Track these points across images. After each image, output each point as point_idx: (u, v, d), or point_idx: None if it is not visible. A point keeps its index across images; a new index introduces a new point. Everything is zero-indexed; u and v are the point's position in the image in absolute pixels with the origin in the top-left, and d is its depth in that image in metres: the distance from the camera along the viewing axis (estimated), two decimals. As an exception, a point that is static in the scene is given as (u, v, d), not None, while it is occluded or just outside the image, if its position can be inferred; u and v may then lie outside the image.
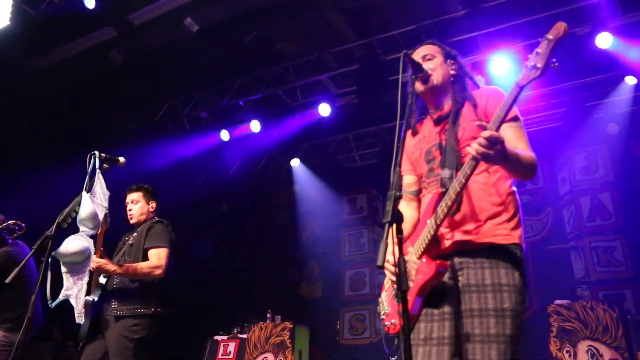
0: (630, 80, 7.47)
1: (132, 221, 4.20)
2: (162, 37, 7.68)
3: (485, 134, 2.00)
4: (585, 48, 7.04)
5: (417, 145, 2.65)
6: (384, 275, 2.55)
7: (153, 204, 4.36)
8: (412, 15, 7.42)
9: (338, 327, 9.32)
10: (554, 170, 8.75)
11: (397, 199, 1.93)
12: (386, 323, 2.47)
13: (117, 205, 3.91)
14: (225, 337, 7.82)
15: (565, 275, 7.97)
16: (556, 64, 1.98)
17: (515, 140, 2.33)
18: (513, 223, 2.35)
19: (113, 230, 3.68)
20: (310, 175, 10.19)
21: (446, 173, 2.37)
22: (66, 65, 7.67)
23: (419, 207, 2.69)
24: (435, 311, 2.30)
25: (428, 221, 2.32)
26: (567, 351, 5.84)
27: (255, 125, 8.85)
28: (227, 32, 7.57)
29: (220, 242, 10.33)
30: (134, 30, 7.28)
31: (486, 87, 2.60)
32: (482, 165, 2.36)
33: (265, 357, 7.31)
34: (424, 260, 2.28)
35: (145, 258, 3.94)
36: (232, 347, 7.66)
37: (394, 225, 1.90)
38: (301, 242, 10.58)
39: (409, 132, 2.74)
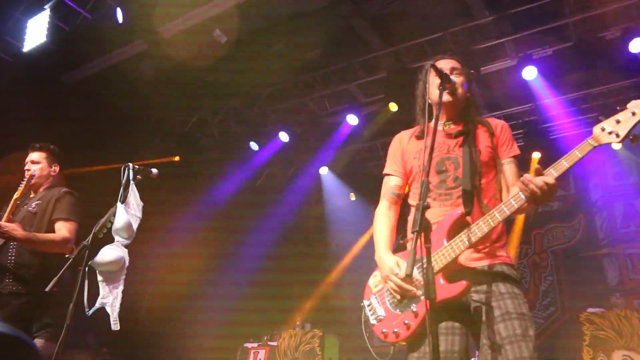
0: (663, 84, 7.35)
1: (31, 182, 3.85)
2: (192, 49, 7.80)
3: (550, 180, 2.13)
4: (615, 52, 6.93)
5: (424, 152, 2.67)
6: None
7: (56, 168, 4.02)
8: (439, 22, 7.41)
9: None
10: (586, 176, 8.63)
11: (425, 208, 1.96)
12: (383, 330, 2.48)
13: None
14: (255, 345, 7.89)
15: (598, 282, 7.84)
16: (637, 138, 2.06)
17: (514, 177, 2.51)
18: (507, 248, 2.55)
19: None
20: (338, 184, 10.23)
21: (467, 195, 2.45)
22: (98, 79, 7.85)
23: (398, 209, 2.80)
24: (444, 325, 2.36)
25: (445, 242, 2.36)
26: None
27: (283, 135, 8.91)
28: (255, 43, 7.66)
29: (252, 250, 10.40)
30: (164, 43, 7.43)
31: (498, 120, 2.72)
32: (490, 192, 2.52)
33: (295, 365, 7.36)
34: (440, 279, 2.32)
35: (50, 230, 3.66)
36: (262, 354, 7.73)
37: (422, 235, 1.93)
38: (330, 250, 10.61)
39: (409, 135, 2.83)
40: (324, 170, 9.98)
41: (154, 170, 3.35)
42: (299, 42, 7.93)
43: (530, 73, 7.18)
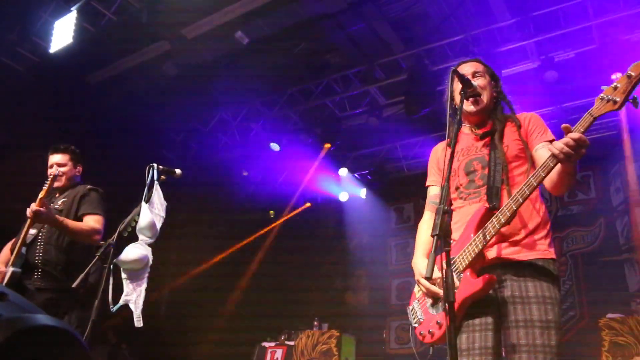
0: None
1: (57, 185, 3.93)
2: (214, 49, 7.89)
3: (574, 135, 2.03)
4: None
5: (455, 157, 2.67)
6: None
7: (80, 169, 4.13)
8: (460, 25, 7.42)
9: (385, 336, 9.32)
10: (607, 180, 8.54)
11: (445, 212, 1.99)
12: (421, 332, 2.53)
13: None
14: (272, 344, 7.94)
15: (619, 288, 7.75)
16: (637, 100, 2.01)
17: None
18: (549, 240, 2.45)
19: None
20: (358, 185, 10.26)
21: (493, 190, 2.44)
22: (122, 79, 7.98)
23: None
24: (478, 322, 2.36)
25: (473, 235, 2.37)
26: (619, 366, 5.71)
27: (303, 137, 8.97)
28: (277, 44, 7.73)
29: (269, 249, 10.49)
30: (187, 44, 7.53)
31: (527, 113, 2.69)
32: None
33: (312, 364, 7.41)
34: (468, 273, 2.34)
35: None
36: (279, 353, 7.78)
37: (443, 239, 1.96)
38: (348, 251, 10.65)
39: (443, 145, 2.85)
40: (343, 172, 10.01)
41: (178, 171, 3.41)
42: (320, 43, 8.00)
43: (552, 76, 7.14)
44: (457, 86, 2.58)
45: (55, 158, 4.05)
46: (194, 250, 9.82)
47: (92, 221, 3.78)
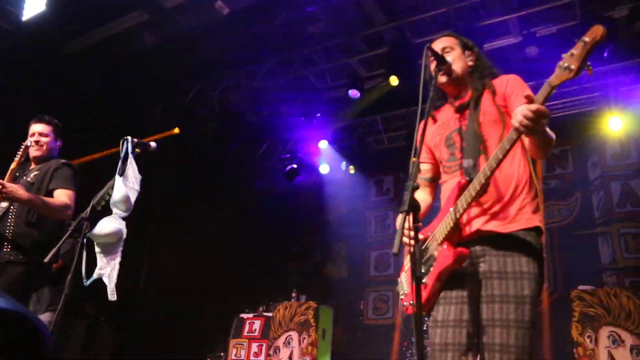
0: (666, 65, 7.33)
1: (35, 154, 3.92)
2: (193, 20, 7.76)
3: (533, 106, 2.02)
4: (621, 32, 6.88)
5: (437, 131, 2.73)
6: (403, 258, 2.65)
7: (60, 143, 4.09)
8: (443, -3, 7.38)
9: (362, 307, 9.45)
10: (584, 155, 8.66)
11: (415, 189, 2.01)
12: (405, 303, 2.58)
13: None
14: (251, 315, 8.01)
15: (592, 261, 7.92)
16: (590, 67, 1.99)
17: None
18: (533, 205, 2.43)
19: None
20: (338, 157, 10.26)
21: (469, 162, 2.44)
22: (99, 49, 7.83)
23: (433, 192, 2.84)
24: (454, 294, 2.40)
25: (451, 209, 2.39)
26: (588, 336, 5.87)
27: (284, 109, 8.92)
28: (257, 15, 7.62)
29: (249, 222, 10.50)
30: (166, 14, 7.40)
31: (505, 75, 2.64)
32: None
33: (290, 336, 7.49)
34: (445, 246, 2.37)
35: None
36: (257, 324, 7.86)
37: (411, 214, 1.98)
38: (328, 223, 10.71)
39: (428, 120, 2.82)
40: (323, 144, 10.00)
41: (153, 144, 3.38)
42: (301, 14, 7.90)
43: (533, 51, 7.16)
44: (431, 63, 2.58)
45: (37, 127, 4.00)
46: (173, 223, 9.81)
47: (63, 196, 3.72)
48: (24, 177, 3.83)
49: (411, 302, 2.49)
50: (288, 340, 7.49)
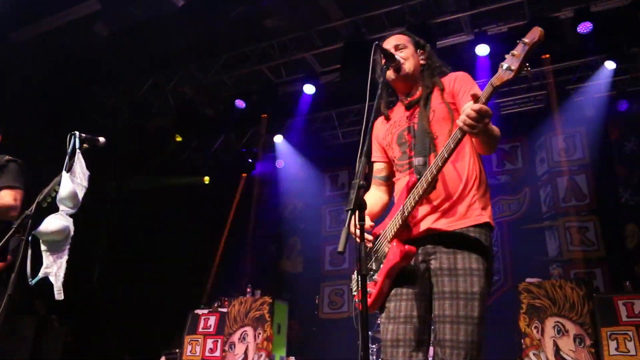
0: (609, 65, 7.59)
1: None
2: (148, 10, 7.62)
3: (475, 106, 2.04)
4: (567, 32, 7.09)
5: (389, 130, 2.74)
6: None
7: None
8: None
9: (317, 301, 9.50)
10: (533, 151, 8.91)
11: (361, 187, 2.03)
12: (357, 300, 2.60)
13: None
14: (205, 311, 7.95)
15: (539, 254, 8.18)
16: (529, 69, 2.02)
17: None
18: (483, 202, 2.46)
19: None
20: (293, 152, 10.26)
21: (420, 160, 2.46)
22: (49, 38, 7.62)
23: (389, 190, 2.84)
24: (405, 291, 2.43)
25: (402, 206, 2.42)
26: (535, 327, 6.07)
27: (239, 102, 8.85)
28: (213, 7, 7.55)
29: (202, 217, 10.40)
30: (119, 4, 7.24)
31: (454, 73, 2.68)
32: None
33: (245, 331, 7.47)
34: (394, 244, 2.40)
35: None
36: (212, 320, 7.81)
37: (357, 213, 2.01)
38: (283, 218, 10.71)
39: (380, 119, 2.85)
40: (278, 139, 9.99)
41: (102, 139, 3.28)
42: (257, 8, 7.85)
43: (483, 49, 7.31)
44: (381, 61, 2.61)
45: None
46: (127, 218, 9.66)
47: (8, 196, 3.55)
48: None
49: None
50: (243, 336, 7.47)
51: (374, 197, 2.80)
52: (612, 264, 7.73)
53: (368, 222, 2.43)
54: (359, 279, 1.94)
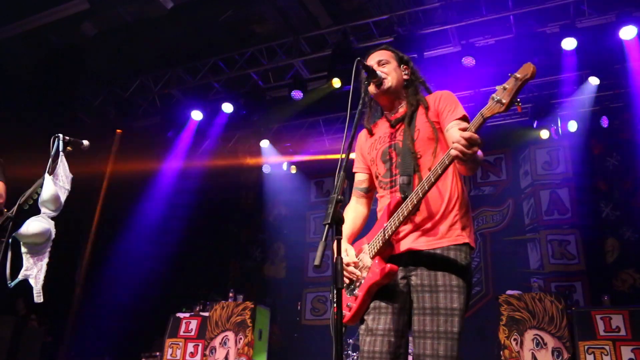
0: (593, 81, 7.67)
1: None
2: (136, 11, 7.60)
3: (465, 134, 2.08)
4: (553, 47, 7.17)
5: (373, 145, 2.76)
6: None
7: None
8: (387, 3, 7.50)
9: (299, 307, 9.49)
10: (517, 164, 9.00)
11: (338, 202, 2.06)
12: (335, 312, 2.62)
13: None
14: (187, 315, 7.92)
15: (521, 266, 8.27)
16: (519, 103, 2.06)
17: None
18: (464, 222, 2.50)
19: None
20: (279, 157, 10.26)
21: (404, 179, 2.49)
22: (36, 36, 7.57)
23: (369, 203, 2.88)
24: (384, 305, 2.46)
25: (385, 224, 2.45)
26: (514, 339, 6.12)
27: (226, 106, 8.83)
28: (202, 11, 7.55)
29: (187, 221, 10.36)
30: (107, 4, 7.22)
31: (439, 91, 2.71)
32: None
33: (226, 336, 7.45)
34: (376, 261, 2.44)
35: None
36: (193, 324, 7.77)
37: (334, 227, 2.03)
38: (267, 223, 10.71)
39: (364, 133, 2.87)
40: (264, 143, 9.99)
41: (85, 142, 3.28)
42: (247, 12, 7.87)
43: (470, 61, 7.36)
44: (364, 76, 2.63)
45: None
46: (111, 221, 9.58)
47: None
48: None
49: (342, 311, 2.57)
50: (224, 341, 7.45)
51: (356, 213, 2.84)
52: (592, 278, 7.83)
53: (353, 258, 2.52)
54: (335, 293, 1.96)
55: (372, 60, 2.75)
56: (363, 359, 2.43)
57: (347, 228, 2.72)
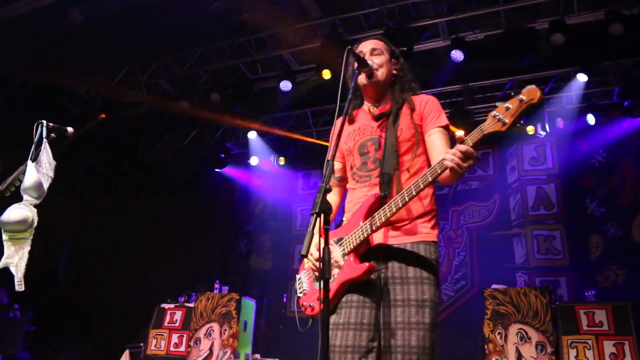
0: (582, 78, 7.71)
1: None
2: (125, 0, 7.52)
3: (462, 147, 2.08)
4: (542, 43, 7.18)
5: (352, 135, 2.73)
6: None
7: None
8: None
9: (285, 300, 9.48)
10: (504, 159, 9.04)
11: (327, 191, 2.03)
12: (304, 303, 2.61)
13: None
14: (172, 306, 7.88)
15: (507, 260, 8.31)
16: (522, 124, 2.07)
17: (442, 146, 2.47)
18: (432, 222, 2.54)
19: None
20: (266, 149, 10.22)
21: (385, 178, 2.49)
22: (22, 22, 7.46)
23: (341, 192, 2.85)
24: (355, 298, 2.45)
25: (361, 223, 2.43)
26: (499, 333, 6.15)
27: (214, 96, 8.76)
28: (191, 0, 7.48)
29: (172, 210, 10.30)
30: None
31: (425, 95, 2.71)
32: (412, 170, 2.50)
33: (211, 327, 7.42)
34: (352, 258, 2.42)
35: None
36: (178, 315, 7.74)
37: (322, 216, 2.01)
38: (254, 215, 10.69)
39: (341, 120, 2.84)
40: (252, 135, 9.93)
41: (70, 129, 3.24)
42: (236, 3, 7.80)
43: (459, 55, 7.36)
44: (353, 64, 2.58)
45: None
46: (96, 210, 9.50)
47: None
48: None
49: (311, 304, 2.54)
50: (209, 332, 7.42)
51: (330, 201, 2.80)
52: (576, 273, 7.90)
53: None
54: (322, 283, 1.94)
55: (366, 47, 2.71)
56: (334, 354, 2.40)
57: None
